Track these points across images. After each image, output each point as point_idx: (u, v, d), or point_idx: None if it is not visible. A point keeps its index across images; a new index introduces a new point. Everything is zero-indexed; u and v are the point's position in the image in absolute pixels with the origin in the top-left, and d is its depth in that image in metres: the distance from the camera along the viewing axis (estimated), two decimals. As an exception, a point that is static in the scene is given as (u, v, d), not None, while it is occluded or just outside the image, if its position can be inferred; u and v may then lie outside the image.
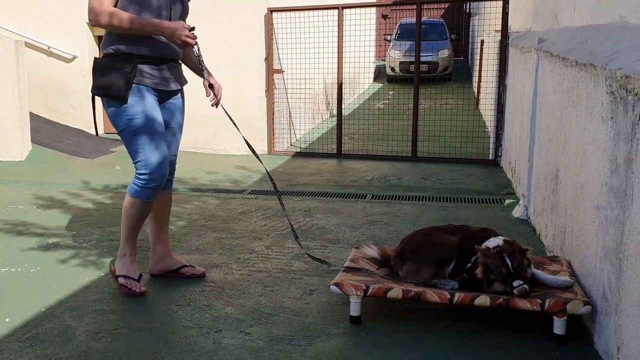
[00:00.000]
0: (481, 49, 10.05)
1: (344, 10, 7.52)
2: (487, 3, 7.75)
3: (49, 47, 8.05)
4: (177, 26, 3.01)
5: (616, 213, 2.38)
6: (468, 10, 15.73)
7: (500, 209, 4.98)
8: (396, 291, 2.81)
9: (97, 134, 3.44)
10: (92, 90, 3.14)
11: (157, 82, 3.14)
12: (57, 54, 8.10)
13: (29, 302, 3.16)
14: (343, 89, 7.87)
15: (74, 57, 8.10)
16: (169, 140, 3.31)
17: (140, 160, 3.11)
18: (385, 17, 16.42)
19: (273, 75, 7.69)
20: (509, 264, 2.73)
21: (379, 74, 15.99)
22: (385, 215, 4.83)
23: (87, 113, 7.98)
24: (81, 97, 8.07)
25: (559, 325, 2.64)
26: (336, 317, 2.95)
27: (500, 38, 6.84)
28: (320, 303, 3.13)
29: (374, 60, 15.03)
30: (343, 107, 7.84)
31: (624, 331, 2.27)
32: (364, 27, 8.32)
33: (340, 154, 7.57)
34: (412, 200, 5.33)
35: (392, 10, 17.03)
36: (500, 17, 6.80)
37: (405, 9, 16.46)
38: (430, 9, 16.79)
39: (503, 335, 2.74)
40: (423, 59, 10.51)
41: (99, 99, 3.16)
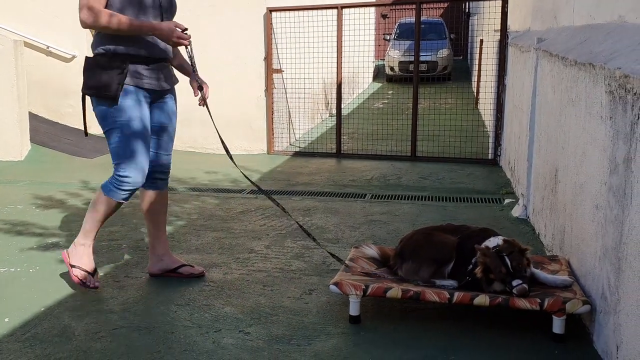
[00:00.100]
0: (480, 48, 10.06)
1: (343, 9, 7.52)
2: (487, 2, 7.76)
3: (48, 47, 8.05)
4: (171, 26, 3.02)
5: (615, 212, 2.38)
6: (467, 10, 15.73)
7: (499, 209, 4.98)
8: (395, 291, 2.81)
9: (87, 134, 3.42)
10: (83, 90, 3.13)
11: (148, 82, 3.14)
12: (56, 54, 8.10)
13: (28, 302, 3.16)
14: (342, 89, 7.87)
15: (73, 57, 8.09)
16: (161, 139, 3.31)
17: (121, 163, 3.12)
18: (384, 17, 16.43)
19: (272, 75, 7.69)
20: (508, 263, 2.74)
21: (378, 73, 16.00)
22: (384, 214, 4.83)
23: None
24: (80, 97, 8.05)
25: (558, 325, 2.64)
26: (335, 317, 2.95)
27: (499, 37, 6.85)
28: (320, 303, 3.13)
29: (373, 59, 15.04)
30: (342, 107, 7.84)
31: (623, 330, 2.27)
32: (363, 27, 8.33)
33: (340, 154, 7.57)
34: (412, 199, 5.33)
35: (392, 9, 17.04)
36: (500, 17, 6.80)
37: (404, 9, 16.45)
38: (429, 8, 16.82)
39: (502, 334, 2.74)
40: (422, 58, 10.53)
41: (89, 98, 3.16)
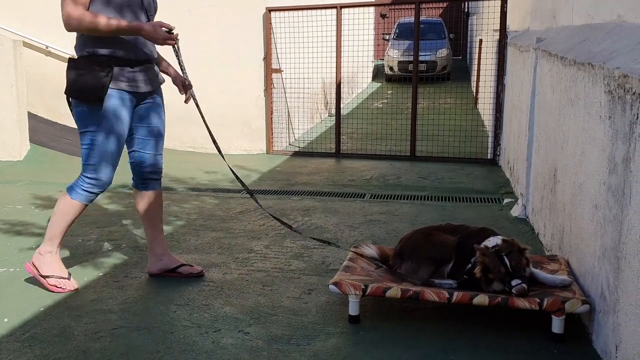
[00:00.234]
0: (479, 48, 10.06)
1: (343, 9, 7.53)
2: (486, 2, 7.76)
3: (47, 47, 8.04)
4: (157, 27, 3.01)
5: (614, 212, 2.38)
6: (466, 10, 15.73)
7: (498, 208, 4.99)
8: (395, 290, 2.81)
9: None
10: (67, 93, 3.11)
11: (133, 85, 3.13)
12: (56, 54, 8.09)
13: (28, 302, 3.15)
14: (341, 89, 7.88)
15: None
16: (149, 140, 3.30)
17: (92, 165, 3.14)
18: (383, 17, 16.42)
19: (272, 75, 7.69)
20: (508, 263, 2.74)
21: (378, 73, 16.00)
22: (383, 214, 4.83)
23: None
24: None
25: (557, 324, 2.64)
26: (335, 317, 2.96)
27: (498, 37, 6.85)
28: (319, 302, 3.13)
29: (372, 59, 15.04)
30: (342, 107, 7.84)
31: (622, 330, 2.28)
32: (362, 27, 8.32)
33: (339, 154, 7.57)
34: (411, 199, 5.33)
35: (391, 9, 17.03)
36: (499, 17, 6.80)
37: (403, 9, 16.46)
38: (428, 8, 16.81)
39: (501, 334, 2.74)
40: (421, 58, 10.51)
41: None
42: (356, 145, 7.98)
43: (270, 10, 7.56)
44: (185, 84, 3.37)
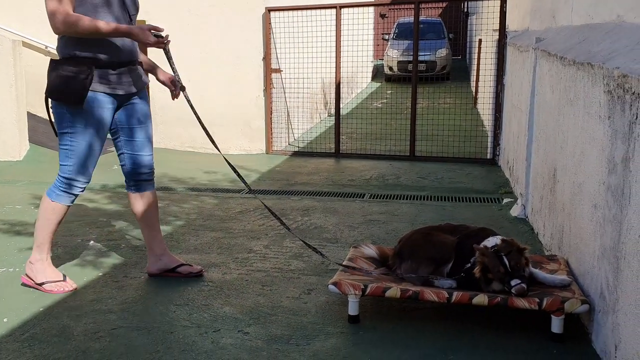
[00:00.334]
0: (479, 48, 10.06)
1: (342, 9, 7.53)
2: (485, 2, 7.76)
3: (46, 47, 8.03)
4: (145, 30, 3.00)
5: (614, 212, 2.38)
6: (466, 10, 15.74)
7: (498, 208, 4.99)
8: (394, 290, 2.81)
9: (57, 135, 3.40)
10: (47, 94, 3.10)
11: (115, 86, 3.12)
12: (55, 54, 8.07)
13: (27, 302, 3.15)
14: (341, 88, 7.88)
15: (72, 57, 8.07)
16: (136, 141, 3.28)
17: (69, 165, 3.13)
18: (383, 17, 16.43)
19: (271, 75, 7.69)
20: (507, 263, 2.74)
21: (377, 73, 16.00)
22: (383, 214, 4.83)
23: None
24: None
25: (556, 324, 2.64)
26: (334, 317, 2.96)
27: (498, 37, 6.85)
28: (319, 302, 3.13)
29: (372, 59, 15.03)
30: (341, 107, 7.84)
31: (622, 330, 2.28)
32: (361, 27, 8.32)
33: (339, 154, 7.57)
34: (410, 199, 5.33)
35: (390, 9, 17.03)
36: (498, 16, 6.80)
37: (403, 8, 16.46)
38: (428, 8, 16.83)
39: (501, 334, 2.74)
40: (421, 58, 10.50)
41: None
42: (356, 145, 7.98)
43: (269, 10, 7.56)
44: (174, 81, 3.33)
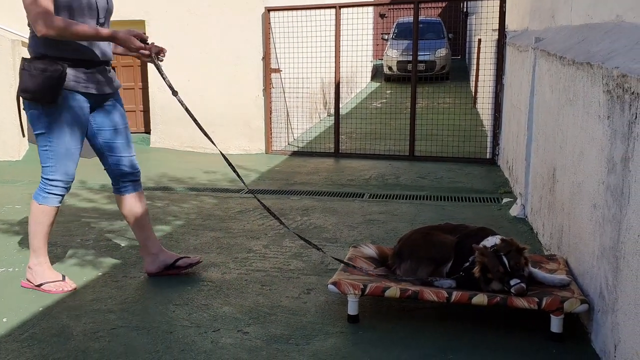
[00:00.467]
0: (478, 47, 10.07)
1: (342, 9, 7.53)
2: (485, 2, 7.76)
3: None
4: (129, 36, 2.99)
5: (613, 212, 2.38)
6: (465, 9, 15.74)
7: (497, 208, 4.99)
8: (394, 290, 2.81)
9: (24, 135, 3.39)
10: (19, 94, 3.06)
11: (88, 86, 3.09)
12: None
13: (27, 302, 3.15)
14: (340, 88, 7.88)
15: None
16: (115, 142, 3.27)
17: (50, 166, 3.12)
18: (382, 16, 16.43)
19: (270, 75, 7.69)
20: (506, 262, 2.74)
21: (377, 73, 16.01)
22: (382, 214, 4.83)
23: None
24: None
25: (556, 324, 2.64)
26: (334, 316, 2.96)
27: (497, 37, 6.85)
28: (318, 302, 3.13)
29: (371, 59, 15.05)
30: (340, 106, 7.84)
31: (621, 329, 2.28)
32: (361, 26, 8.32)
33: (338, 153, 7.57)
34: (410, 199, 5.33)
35: (390, 9, 17.04)
36: (498, 16, 6.81)
37: (402, 8, 16.48)
38: (427, 7, 16.82)
39: (500, 333, 2.74)
40: (420, 58, 10.52)
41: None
42: (355, 145, 7.98)
43: (269, 10, 7.56)
44: (140, 38, 3.12)
